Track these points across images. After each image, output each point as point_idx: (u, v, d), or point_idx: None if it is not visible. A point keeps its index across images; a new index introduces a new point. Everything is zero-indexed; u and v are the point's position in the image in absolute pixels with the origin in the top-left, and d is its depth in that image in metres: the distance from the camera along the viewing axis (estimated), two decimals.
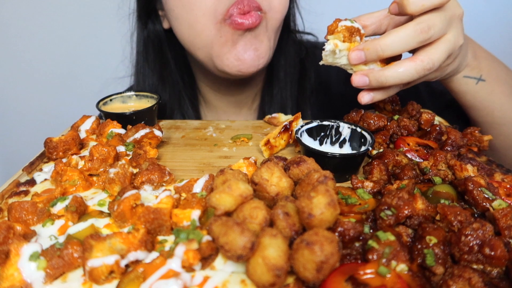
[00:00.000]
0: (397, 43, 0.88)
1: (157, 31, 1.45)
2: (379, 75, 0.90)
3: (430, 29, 0.87)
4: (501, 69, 1.18)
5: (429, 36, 0.87)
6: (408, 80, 0.90)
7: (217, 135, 1.16)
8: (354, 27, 0.93)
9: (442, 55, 0.89)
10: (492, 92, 1.14)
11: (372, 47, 0.89)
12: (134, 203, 0.71)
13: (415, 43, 0.88)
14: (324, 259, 0.54)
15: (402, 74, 0.89)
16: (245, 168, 0.86)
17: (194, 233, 0.65)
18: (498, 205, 0.70)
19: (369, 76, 0.91)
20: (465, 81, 1.11)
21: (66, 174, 0.84)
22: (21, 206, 0.73)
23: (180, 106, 1.51)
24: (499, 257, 0.58)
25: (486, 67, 1.12)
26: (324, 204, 0.60)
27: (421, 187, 0.81)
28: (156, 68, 1.47)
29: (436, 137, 0.99)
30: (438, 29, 0.88)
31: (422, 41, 0.88)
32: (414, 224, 0.67)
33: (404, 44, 0.88)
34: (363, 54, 0.90)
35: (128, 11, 1.48)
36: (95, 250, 0.61)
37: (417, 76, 0.89)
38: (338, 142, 0.99)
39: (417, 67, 0.88)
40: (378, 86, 0.92)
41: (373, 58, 0.91)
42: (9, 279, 0.60)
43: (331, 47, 0.92)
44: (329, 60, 0.95)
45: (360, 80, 0.92)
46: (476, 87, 1.12)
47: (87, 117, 1.12)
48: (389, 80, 0.90)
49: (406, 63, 0.89)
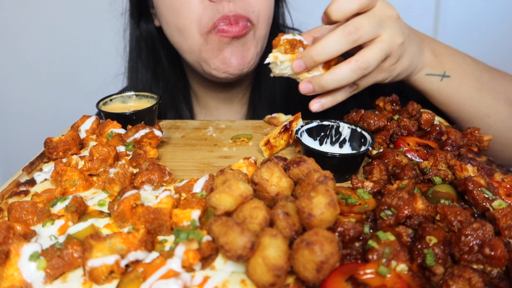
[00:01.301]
0: (328, 47, 0.93)
1: (150, 29, 1.47)
2: (320, 79, 0.95)
3: (358, 29, 0.91)
4: (467, 64, 1.17)
5: (358, 36, 0.92)
6: (347, 81, 0.94)
7: (217, 135, 1.16)
8: (296, 39, 1.00)
9: (377, 54, 0.93)
10: (460, 87, 1.14)
11: (308, 54, 0.95)
12: (134, 203, 0.71)
13: (345, 45, 0.92)
14: (324, 259, 0.54)
15: (340, 75, 0.93)
16: (245, 168, 0.86)
17: (194, 233, 0.65)
18: (498, 205, 0.70)
19: (312, 82, 0.96)
20: (429, 79, 1.12)
21: (66, 174, 0.84)
22: (21, 206, 0.73)
23: (173, 102, 1.53)
24: (499, 257, 0.58)
25: (450, 63, 1.13)
26: (324, 204, 0.60)
27: (421, 187, 0.81)
28: (150, 65, 1.50)
29: (436, 137, 0.99)
30: (368, 29, 0.92)
31: (352, 42, 0.92)
32: (414, 224, 0.67)
33: (335, 47, 0.93)
34: (302, 61, 0.96)
35: (121, 10, 1.50)
36: (95, 250, 0.61)
37: (355, 77, 0.93)
38: (338, 142, 0.99)
39: (353, 67, 0.92)
40: (322, 90, 0.97)
41: (311, 65, 0.96)
42: (9, 279, 0.60)
43: (271, 59, 0.99)
44: (277, 71, 1.01)
45: (305, 87, 0.98)
46: (442, 84, 1.12)
47: (87, 117, 1.12)
48: (329, 83, 0.94)
49: (343, 65, 0.93)
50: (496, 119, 1.17)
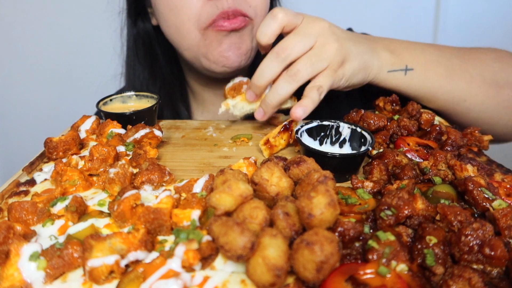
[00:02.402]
0: (264, 71, 1.01)
1: (147, 28, 1.48)
2: (264, 101, 1.04)
3: (285, 49, 0.98)
4: (430, 53, 1.18)
5: (287, 54, 0.98)
6: (288, 92, 1.00)
7: (217, 135, 1.16)
8: (235, 83, 1.14)
9: (306, 64, 0.98)
10: (427, 77, 1.14)
11: (252, 83, 1.04)
12: (134, 203, 0.71)
13: (277, 66, 0.99)
14: (324, 259, 0.54)
15: (279, 89, 1.00)
16: (245, 168, 0.86)
17: (194, 233, 0.65)
18: (498, 205, 0.70)
19: (262, 107, 1.05)
20: (393, 75, 1.13)
21: (66, 174, 0.84)
22: (21, 206, 0.73)
23: (170, 100, 1.54)
24: (499, 257, 0.58)
25: (409, 56, 1.14)
26: (324, 204, 0.60)
27: (421, 187, 0.81)
28: (147, 63, 1.51)
29: (436, 137, 0.99)
30: (295, 45, 0.98)
31: (282, 61, 0.98)
32: (414, 224, 0.67)
33: (270, 70, 1.00)
34: (251, 91, 1.06)
35: (118, 9, 1.51)
36: (95, 250, 0.61)
37: (291, 88, 0.99)
38: (338, 142, 0.99)
39: (287, 79, 0.99)
40: (271, 109, 1.04)
41: (258, 91, 1.05)
42: (9, 279, 0.60)
43: (223, 108, 1.12)
44: (238, 113, 1.12)
45: (258, 114, 1.07)
46: (407, 78, 1.13)
47: (87, 117, 1.12)
48: (271, 99, 1.02)
49: (276, 82, 1.02)
50: (475, 101, 1.17)
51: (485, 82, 1.17)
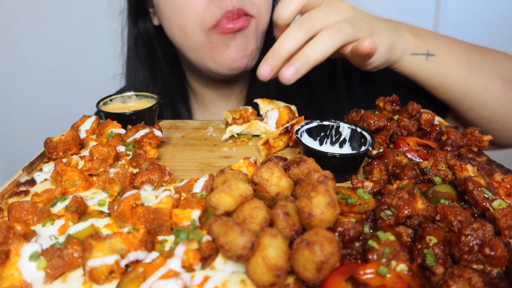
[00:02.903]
0: (287, 40, 0.94)
1: (147, 28, 1.48)
2: (301, 58, 0.94)
3: (310, 18, 0.94)
4: (451, 42, 1.17)
5: (312, 22, 0.94)
6: (330, 49, 0.94)
7: (217, 135, 1.16)
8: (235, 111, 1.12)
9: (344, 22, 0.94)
10: (446, 65, 1.13)
11: (271, 54, 0.97)
12: (134, 203, 0.71)
13: (302, 34, 0.94)
14: (324, 259, 0.54)
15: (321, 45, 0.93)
16: (245, 168, 0.86)
17: (194, 233, 0.65)
18: (498, 205, 0.70)
19: (294, 63, 0.95)
20: (414, 59, 1.11)
21: (66, 174, 0.84)
22: (21, 206, 0.73)
23: (170, 100, 1.54)
24: (499, 257, 0.58)
25: (433, 42, 1.12)
26: (324, 204, 0.60)
27: (421, 187, 0.81)
28: (147, 63, 1.51)
29: (436, 137, 0.99)
30: (321, 16, 0.94)
31: (308, 29, 0.94)
32: (414, 224, 0.67)
33: (293, 38, 0.94)
34: (268, 65, 0.97)
35: (119, 8, 1.51)
36: (95, 250, 0.61)
37: (335, 43, 0.93)
38: (338, 142, 0.99)
39: (329, 34, 0.93)
40: (307, 68, 0.95)
41: (276, 63, 0.97)
42: (9, 279, 0.60)
43: (227, 135, 1.09)
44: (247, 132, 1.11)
45: (264, 69, 0.97)
46: (427, 64, 1.12)
47: (87, 117, 1.12)
48: (312, 56, 0.94)
49: (318, 36, 0.94)
50: (490, 96, 1.15)
51: (500, 78, 1.15)
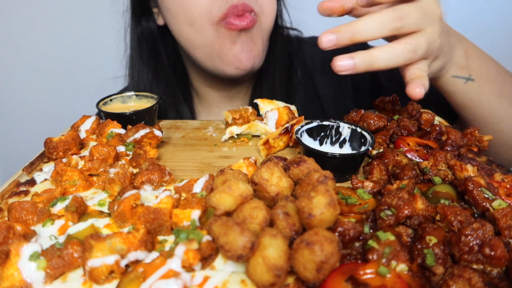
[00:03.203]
0: (371, 27, 0.85)
1: (151, 28, 1.48)
2: (366, 56, 0.86)
3: (404, 18, 0.85)
4: (491, 67, 1.16)
5: (402, 24, 0.86)
6: (396, 62, 0.87)
7: (217, 135, 1.16)
8: (235, 111, 1.11)
9: (424, 43, 0.88)
10: (482, 91, 1.13)
11: (344, 30, 0.85)
12: (134, 203, 0.71)
13: (388, 30, 0.86)
14: (324, 259, 0.54)
15: (391, 54, 0.86)
16: (245, 168, 0.86)
17: (194, 233, 0.65)
18: (498, 205, 0.70)
19: (354, 58, 0.85)
20: (454, 81, 1.10)
21: (66, 174, 0.84)
22: (21, 206, 0.73)
23: (174, 101, 1.54)
24: (499, 257, 0.58)
25: (476, 67, 1.11)
26: (324, 204, 0.60)
27: (421, 187, 0.81)
28: (150, 64, 1.50)
29: (436, 137, 0.99)
30: (413, 20, 0.87)
31: (395, 29, 0.86)
32: (414, 224, 0.67)
33: (378, 29, 0.85)
34: (334, 36, 0.86)
35: (123, 8, 1.51)
36: (95, 250, 0.61)
37: (403, 59, 0.87)
38: (338, 142, 0.99)
39: (404, 49, 0.86)
40: (366, 69, 0.87)
41: (344, 41, 0.86)
42: (9, 279, 0.60)
43: (227, 136, 1.09)
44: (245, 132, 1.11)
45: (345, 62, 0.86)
46: (465, 87, 1.11)
47: (87, 117, 1.12)
48: (377, 61, 0.86)
49: (393, 44, 0.87)
50: (509, 123, 1.16)
51: None
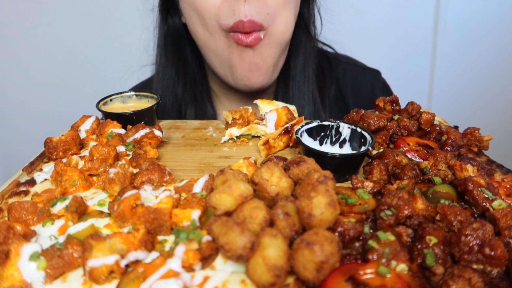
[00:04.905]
0: None
1: (176, 25, 1.48)
2: None
3: None
4: None
5: None
6: None
7: (217, 135, 1.16)
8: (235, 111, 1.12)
9: None
10: None
11: None
12: (134, 203, 0.71)
13: None
14: (324, 259, 0.54)
15: None
16: (245, 168, 0.86)
17: (194, 233, 0.65)
18: (498, 205, 0.70)
19: None
20: None
21: (66, 174, 0.84)
22: (21, 206, 0.73)
23: (195, 100, 1.54)
24: (499, 257, 0.58)
25: None
26: (324, 204, 0.60)
27: (421, 187, 0.81)
28: (174, 62, 1.51)
29: (436, 137, 0.99)
30: None
31: None
32: (414, 224, 0.67)
33: None
34: None
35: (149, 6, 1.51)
36: (95, 250, 0.61)
37: None
38: (338, 142, 0.99)
39: None
40: None
41: None
42: (9, 279, 0.60)
43: (226, 138, 1.10)
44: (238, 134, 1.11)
45: None
46: None
47: (87, 117, 1.12)
48: None
49: None
50: None
51: None
